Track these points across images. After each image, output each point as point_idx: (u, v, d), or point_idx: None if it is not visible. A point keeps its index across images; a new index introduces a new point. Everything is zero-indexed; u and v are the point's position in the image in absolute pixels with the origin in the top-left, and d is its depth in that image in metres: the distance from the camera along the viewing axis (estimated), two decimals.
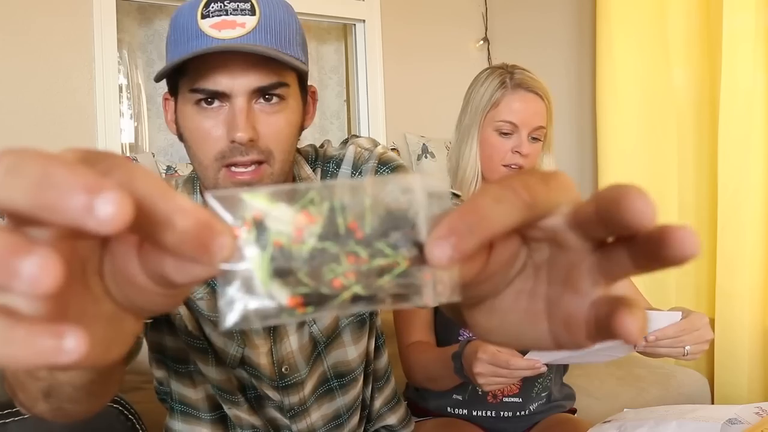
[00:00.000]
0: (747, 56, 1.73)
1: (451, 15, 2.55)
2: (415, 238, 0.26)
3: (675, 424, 0.99)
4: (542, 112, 1.23)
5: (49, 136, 1.85)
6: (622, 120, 2.04)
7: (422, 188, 0.26)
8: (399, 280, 0.26)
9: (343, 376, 0.97)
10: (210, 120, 0.74)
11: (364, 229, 0.26)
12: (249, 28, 0.72)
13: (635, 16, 2.02)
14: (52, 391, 0.46)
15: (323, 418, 0.97)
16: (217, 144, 0.74)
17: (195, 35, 0.72)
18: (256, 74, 0.73)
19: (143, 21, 2.17)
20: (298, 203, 0.26)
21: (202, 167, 0.76)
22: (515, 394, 1.26)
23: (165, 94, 0.82)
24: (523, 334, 0.30)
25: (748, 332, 1.75)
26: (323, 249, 0.25)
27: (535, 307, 0.30)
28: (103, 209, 0.20)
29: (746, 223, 1.74)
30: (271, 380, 0.90)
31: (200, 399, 0.95)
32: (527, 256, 0.29)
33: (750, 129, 1.73)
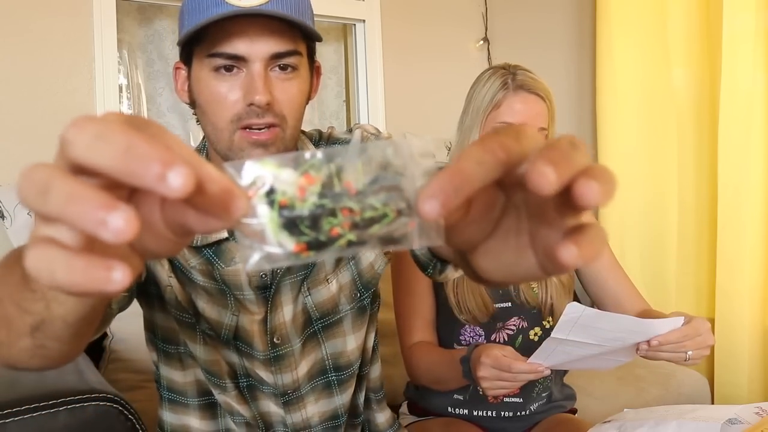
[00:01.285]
0: (747, 56, 1.73)
1: (451, 15, 2.55)
2: (402, 193, 0.31)
3: (675, 424, 0.99)
4: (543, 114, 1.23)
5: (49, 136, 1.85)
6: (622, 120, 2.04)
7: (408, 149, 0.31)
8: (387, 229, 0.31)
9: (341, 370, 0.96)
10: (227, 84, 0.77)
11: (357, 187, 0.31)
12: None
13: (635, 16, 2.02)
14: (41, 325, 0.47)
15: (320, 415, 0.96)
16: (234, 107, 0.77)
17: (214, 3, 0.74)
18: (274, 40, 0.76)
19: (143, 21, 2.17)
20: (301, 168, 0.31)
21: (218, 130, 0.79)
22: (516, 395, 1.26)
23: (176, 63, 0.84)
24: (517, 267, 0.34)
25: (748, 332, 1.75)
26: (322, 205, 0.31)
27: (521, 241, 0.34)
28: (174, 180, 0.26)
29: (746, 222, 1.74)
30: (263, 353, 0.89)
31: (188, 383, 0.95)
32: (507, 199, 0.34)
33: (750, 129, 1.73)
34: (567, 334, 0.91)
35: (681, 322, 1.01)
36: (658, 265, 2.02)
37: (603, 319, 0.94)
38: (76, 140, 0.28)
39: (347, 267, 0.94)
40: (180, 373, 0.94)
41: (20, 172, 0.30)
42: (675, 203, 1.99)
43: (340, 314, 0.94)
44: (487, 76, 1.25)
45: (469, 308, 1.22)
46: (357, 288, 0.95)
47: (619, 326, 0.97)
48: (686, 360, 1.03)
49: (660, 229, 2.02)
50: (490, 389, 1.00)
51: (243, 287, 0.87)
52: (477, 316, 1.22)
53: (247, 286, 0.87)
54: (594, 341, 0.94)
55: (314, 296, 0.91)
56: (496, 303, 1.24)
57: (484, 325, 1.25)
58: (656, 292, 2.03)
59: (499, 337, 1.25)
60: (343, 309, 0.94)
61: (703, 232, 1.94)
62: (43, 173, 0.28)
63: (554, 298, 1.25)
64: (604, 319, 0.94)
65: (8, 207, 1.58)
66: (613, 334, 0.96)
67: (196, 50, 0.79)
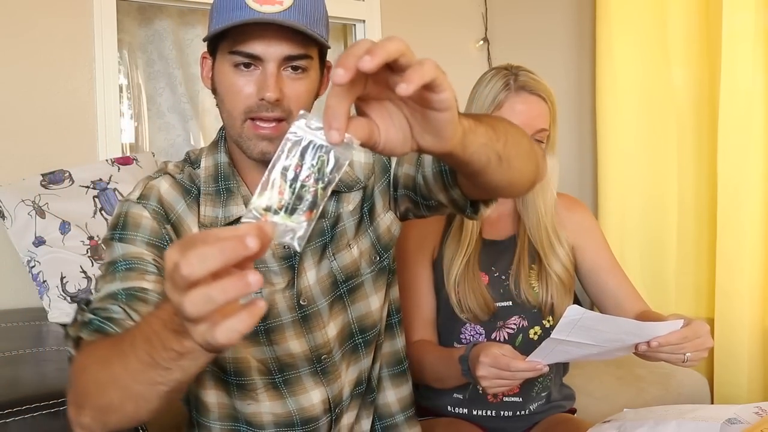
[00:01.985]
0: (747, 56, 1.73)
1: (451, 15, 2.55)
2: (323, 146, 0.53)
3: (674, 423, 0.99)
4: (545, 115, 1.23)
5: (49, 136, 1.85)
6: (621, 120, 2.04)
7: (305, 127, 0.54)
8: (329, 167, 0.53)
9: (367, 331, 1.03)
10: (243, 79, 0.87)
11: (306, 172, 0.53)
12: (286, 6, 0.84)
13: (635, 17, 2.02)
14: (178, 386, 0.60)
15: (350, 383, 1.03)
16: (247, 100, 0.87)
17: (239, 6, 0.84)
18: (287, 44, 0.85)
19: (143, 21, 2.18)
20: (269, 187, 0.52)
21: (231, 118, 0.89)
22: (515, 394, 1.27)
23: (204, 53, 0.95)
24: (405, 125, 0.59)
25: (748, 332, 1.75)
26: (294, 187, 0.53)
27: (402, 111, 0.59)
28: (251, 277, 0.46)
29: (746, 222, 1.74)
30: (291, 316, 0.96)
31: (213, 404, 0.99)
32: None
33: (750, 129, 1.73)
34: (567, 335, 0.92)
35: (680, 324, 1.02)
36: (658, 264, 2.02)
37: (603, 322, 0.94)
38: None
39: (366, 234, 1.02)
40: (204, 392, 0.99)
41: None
42: (675, 203, 1.99)
43: (362, 277, 1.02)
44: (489, 76, 1.25)
45: (470, 307, 1.22)
46: (377, 251, 1.04)
47: (619, 328, 0.97)
48: (684, 362, 1.04)
49: (660, 228, 2.02)
50: (489, 388, 1.01)
51: (267, 260, 0.95)
52: (478, 314, 1.23)
53: (271, 259, 0.95)
54: (593, 342, 0.95)
55: (339, 260, 0.99)
56: (496, 302, 1.24)
57: (485, 324, 1.25)
58: (656, 292, 2.03)
59: (499, 335, 1.26)
60: (364, 272, 1.02)
61: (702, 231, 1.94)
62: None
63: (555, 297, 1.26)
64: (604, 321, 0.95)
65: (8, 207, 1.58)
66: (612, 336, 0.97)
67: (220, 45, 0.89)
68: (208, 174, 0.96)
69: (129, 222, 0.90)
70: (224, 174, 0.95)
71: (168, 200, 0.93)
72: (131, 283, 0.84)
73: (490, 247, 1.29)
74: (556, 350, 0.96)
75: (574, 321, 0.89)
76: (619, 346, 1.00)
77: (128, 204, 0.92)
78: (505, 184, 0.79)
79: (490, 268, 1.27)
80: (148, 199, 0.92)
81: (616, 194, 2.05)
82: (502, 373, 0.98)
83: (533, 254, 1.28)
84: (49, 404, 0.93)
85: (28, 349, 1.25)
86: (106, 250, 0.90)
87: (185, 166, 0.98)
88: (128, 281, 0.84)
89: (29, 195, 1.59)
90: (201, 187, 0.95)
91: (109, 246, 0.89)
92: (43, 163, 1.74)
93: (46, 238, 1.56)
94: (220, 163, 0.96)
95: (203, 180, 0.95)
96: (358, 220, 1.01)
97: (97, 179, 1.67)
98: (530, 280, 1.27)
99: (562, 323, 0.90)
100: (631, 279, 2.02)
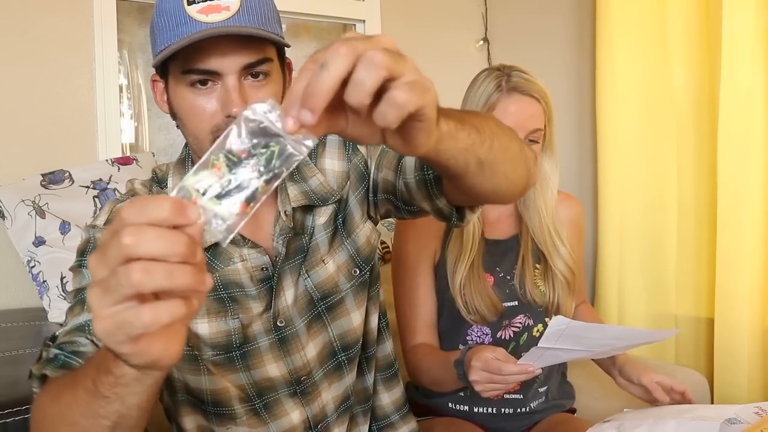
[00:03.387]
0: (746, 56, 1.73)
1: (451, 15, 2.55)
2: (274, 136, 0.48)
3: (674, 423, 0.99)
4: (538, 115, 1.22)
5: (49, 136, 1.85)
6: (621, 120, 2.04)
7: (259, 111, 0.49)
8: (278, 160, 0.48)
9: (350, 348, 0.99)
10: (204, 98, 0.81)
11: (252, 160, 0.48)
12: (234, 11, 0.78)
13: (635, 17, 2.02)
14: (121, 420, 0.56)
15: (334, 400, 0.98)
16: (212, 119, 0.81)
17: (183, 21, 0.77)
18: (245, 53, 0.79)
19: (143, 21, 2.18)
20: (207, 167, 0.47)
21: (198, 140, 0.83)
22: (516, 391, 1.27)
23: (153, 76, 0.88)
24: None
25: (748, 332, 1.74)
26: (234, 173, 0.47)
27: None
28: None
29: (746, 222, 1.74)
30: (268, 338, 0.91)
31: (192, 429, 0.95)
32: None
33: (750, 129, 1.73)
34: (554, 344, 0.93)
35: (671, 335, 1.03)
36: (658, 264, 2.02)
37: (589, 330, 0.96)
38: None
39: (342, 247, 0.97)
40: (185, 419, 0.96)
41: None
42: (674, 203, 1.99)
43: (341, 293, 0.97)
44: (482, 77, 1.25)
45: (477, 309, 1.22)
46: (357, 264, 0.98)
47: (606, 335, 0.99)
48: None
49: (659, 228, 2.02)
50: (483, 392, 1.02)
51: (245, 284, 0.89)
52: (486, 315, 1.23)
53: (249, 282, 0.89)
54: (582, 347, 0.96)
55: (313, 278, 0.94)
56: (503, 302, 1.24)
57: (491, 324, 1.25)
58: (656, 292, 2.03)
59: (505, 334, 1.26)
60: (343, 288, 0.97)
61: (702, 231, 1.94)
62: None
63: (560, 296, 1.26)
64: (591, 329, 0.97)
65: (8, 207, 1.58)
66: (600, 342, 0.98)
67: (171, 66, 0.82)
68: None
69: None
70: None
71: None
72: None
73: (493, 247, 1.29)
74: (545, 355, 0.96)
75: (560, 330, 0.90)
76: (609, 349, 1.01)
77: (95, 230, 0.87)
78: (487, 191, 0.74)
79: (495, 269, 1.27)
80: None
81: (616, 194, 2.05)
82: (493, 377, 0.99)
83: (537, 254, 1.28)
84: None
85: (28, 349, 1.26)
86: (73, 278, 0.86)
87: (153, 185, 0.94)
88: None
89: (29, 195, 1.59)
90: None
91: (77, 273, 0.85)
92: (43, 163, 1.75)
93: (46, 238, 1.56)
94: None
95: None
96: (332, 233, 0.96)
97: (97, 179, 1.67)
98: (536, 280, 1.27)
99: (548, 333, 0.91)
100: (631, 279, 2.04)
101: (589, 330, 0.96)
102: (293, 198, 0.93)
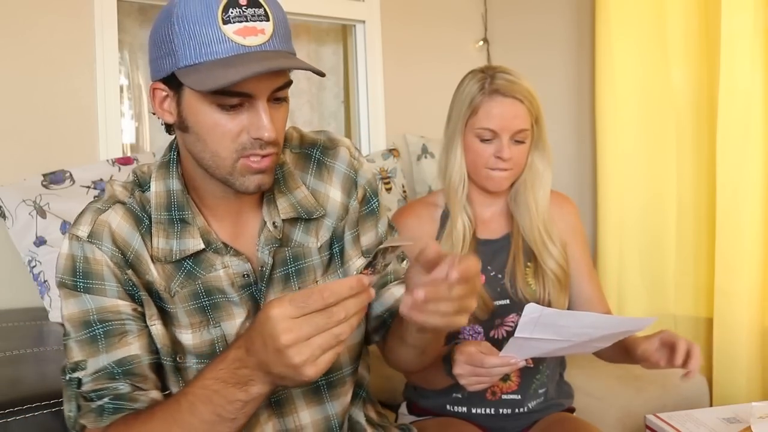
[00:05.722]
0: (745, 56, 1.73)
1: (451, 16, 2.56)
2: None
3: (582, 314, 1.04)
4: (522, 116, 1.22)
5: (50, 137, 1.86)
6: (621, 120, 2.04)
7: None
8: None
9: (329, 373, 0.95)
10: (231, 118, 0.80)
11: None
12: (268, 35, 0.78)
13: (634, 17, 2.02)
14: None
15: (314, 425, 0.95)
16: (238, 139, 0.80)
17: (218, 39, 0.76)
18: (276, 77, 0.79)
19: (144, 22, 2.18)
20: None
21: (220, 158, 0.82)
22: (514, 391, 1.27)
23: (154, 84, 0.83)
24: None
25: (747, 332, 1.75)
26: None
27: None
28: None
29: (745, 222, 1.74)
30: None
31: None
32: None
33: (749, 129, 1.73)
34: (530, 333, 0.92)
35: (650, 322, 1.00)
36: (657, 264, 2.03)
37: (563, 317, 0.96)
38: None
39: (335, 275, 0.96)
40: None
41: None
42: (674, 203, 2.00)
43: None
44: (466, 80, 1.26)
45: None
46: None
47: (580, 322, 0.98)
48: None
49: (659, 228, 2.02)
50: (468, 385, 1.00)
51: (227, 290, 0.89)
52: (477, 314, 1.23)
53: (230, 289, 0.89)
54: (560, 337, 0.96)
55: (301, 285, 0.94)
56: (495, 301, 1.25)
57: (483, 323, 1.25)
58: (655, 292, 2.04)
59: (498, 333, 1.26)
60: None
61: (701, 231, 1.94)
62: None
63: (551, 294, 1.26)
64: (564, 316, 0.97)
65: (9, 207, 1.59)
66: (576, 330, 0.97)
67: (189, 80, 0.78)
68: (160, 201, 0.88)
69: (91, 270, 0.84)
70: (178, 203, 0.88)
71: (122, 237, 0.86)
72: (118, 354, 0.83)
73: (485, 247, 1.29)
74: (525, 346, 0.96)
75: (534, 319, 0.90)
76: (588, 339, 1.00)
77: (80, 245, 0.85)
78: (409, 365, 1.01)
79: (486, 268, 1.28)
80: (100, 239, 0.85)
81: (615, 194, 2.05)
82: (477, 370, 0.98)
83: (528, 252, 1.29)
84: (50, 404, 0.93)
85: (29, 349, 1.26)
86: (68, 299, 0.85)
87: (135, 188, 0.90)
88: (113, 350, 0.83)
89: (30, 195, 1.59)
90: (152, 215, 0.87)
91: (74, 296, 0.84)
92: (44, 163, 1.75)
93: (47, 238, 1.56)
94: (172, 190, 0.88)
95: (154, 207, 0.88)
96: (328, 258, 0.96)
97: (98, 179, 1.67)
98: (527, 278, 1.27)
99: (522, 322, 0.90)
100: (631, 279, 2.04)
101: (562, 317, 0.95)
102: (282, 210, 0.92)
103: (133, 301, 0.85)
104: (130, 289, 0.85)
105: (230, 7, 0.76)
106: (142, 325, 0.86)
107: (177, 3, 0.78)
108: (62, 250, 0.86)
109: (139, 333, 0.85)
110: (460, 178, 1.28)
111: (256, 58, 0.76)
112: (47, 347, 1.31)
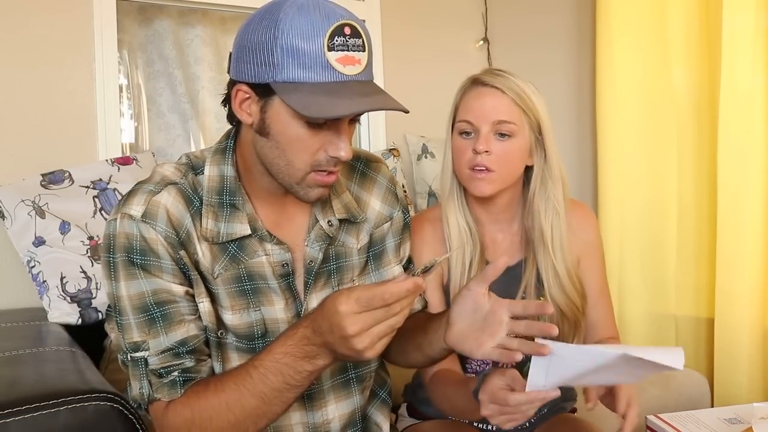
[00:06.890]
0: (747, 56, 1.73)
1: (451, 15, 2.55)
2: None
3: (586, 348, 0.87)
4: (502, 107, 1.15)
5: (49, 136, 1.85)
6: (621, 120, 2.04)
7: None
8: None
9: (360, 366, 1.03)
10: (314, 134, 0.84)
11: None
12: (363, 66, 0.82)
13: (635, 17, 2.02)
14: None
15: (340, 418, 1.01)
16: (316, 154, 0.85)
17: (323, 65, 0.79)
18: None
19: (143, 21, 2.18)
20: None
21: (293, 168, 0.86)
22: None
23: (239, 86, 0.85)
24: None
25: (748, 332, 1.75)
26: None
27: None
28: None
29: (746, 223, 1.74)
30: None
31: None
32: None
33: (750, 129, 1.73)
34: (545, 379, 0.85)
35: (679, 359, 0.82)
36: (658, 265, 2.02)
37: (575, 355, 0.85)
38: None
39: (368, 277, 1.04)
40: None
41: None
42: (675, 203, 1.99)
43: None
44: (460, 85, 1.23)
45: None
46: None
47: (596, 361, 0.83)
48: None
49: (659, 229, 2.02)
50: (501, 424, 0.91)
51: (267, 277, 0.93)
52: None
53: (271, 276, 0.93)
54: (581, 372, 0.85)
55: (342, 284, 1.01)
56: None
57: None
58: (656, 293, 2.04)
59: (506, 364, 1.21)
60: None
61: (702, 232, 1.94)
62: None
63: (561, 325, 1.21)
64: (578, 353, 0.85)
65: (8, 207, 1.58)
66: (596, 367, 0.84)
67: (283, 95, 0.81)
68: (212, 185, 0.92)
69: (148, 248, 0.87)
70: (230, 189, 0.92)
71: (176, 217, 0.89)
72: (177, 335, 0.89)
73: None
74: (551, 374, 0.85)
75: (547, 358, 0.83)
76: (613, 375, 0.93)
77: (135, 223, 0.86)
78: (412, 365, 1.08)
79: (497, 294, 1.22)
80: (155, 219, 0.87)
81: (615, 194, 2.05)
82: (503, 408, 0.88)
83: (541, 281, 1.22)
84: (50, 404, 0.92)
85: (28, 349, 1.25)
86: (123, 279, 0.87)
87: (188, 171, 0.93)
88: (172, 332, 0.89)
89: (29, 195, 1.59)
90: (203, 197, 0.91)
91: (130, 275, 0.87)
92: (43, 163, 1.75)
93: (46, 238, 1.56)
94: (226, 176, 0.92)
95: (206, 190, 0.91)
96: (365, 261, 1.04)
97: (97, 179, 1.67)
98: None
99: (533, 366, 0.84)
100: (631, 279, 2.04)
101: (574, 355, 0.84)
102: (337, 210, 0.99)
103: (186, 281, 0.90)
104: (183, 268, 0.89)
105: (336, 35, 0.79)
106: (194, 307, 0.91)
107: (284, 15, 0.79)
108: (111, 230, 0.88)
109: (193, 314, 0.91)
110: (449, 179, 1.25)
111: (355, 90, 0.80)
112: (46, 348, 1.30)
